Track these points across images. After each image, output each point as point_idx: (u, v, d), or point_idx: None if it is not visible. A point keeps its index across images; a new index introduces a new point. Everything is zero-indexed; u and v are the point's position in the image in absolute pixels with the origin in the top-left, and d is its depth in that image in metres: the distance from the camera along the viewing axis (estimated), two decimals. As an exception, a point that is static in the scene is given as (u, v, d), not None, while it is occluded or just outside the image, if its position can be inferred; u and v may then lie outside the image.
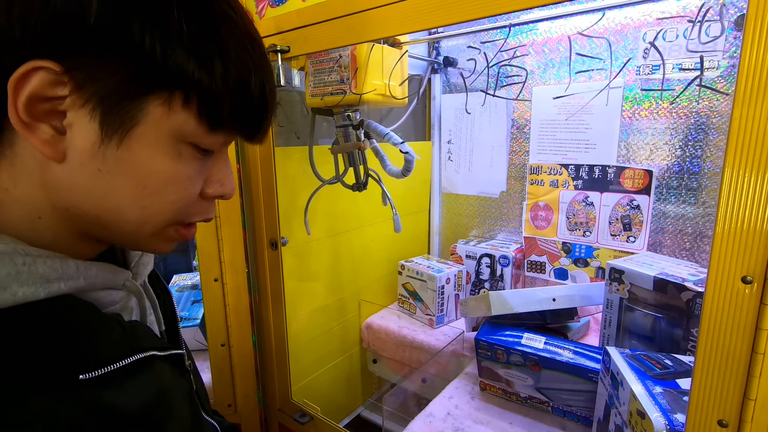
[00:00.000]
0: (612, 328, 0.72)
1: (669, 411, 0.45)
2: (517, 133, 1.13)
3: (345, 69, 0.75)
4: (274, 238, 0.83)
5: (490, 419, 0.75)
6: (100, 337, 0.32)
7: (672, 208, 0.93)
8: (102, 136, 0.29)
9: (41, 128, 0.28)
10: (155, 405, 0.34)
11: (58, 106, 0.28)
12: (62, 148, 0.29)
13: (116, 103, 0.29)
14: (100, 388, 0.30)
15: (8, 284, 0.27)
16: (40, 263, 0.29)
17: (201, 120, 0.31)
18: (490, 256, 1.11)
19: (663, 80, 0.83)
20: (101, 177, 0.30)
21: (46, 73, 0.27)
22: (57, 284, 0.30)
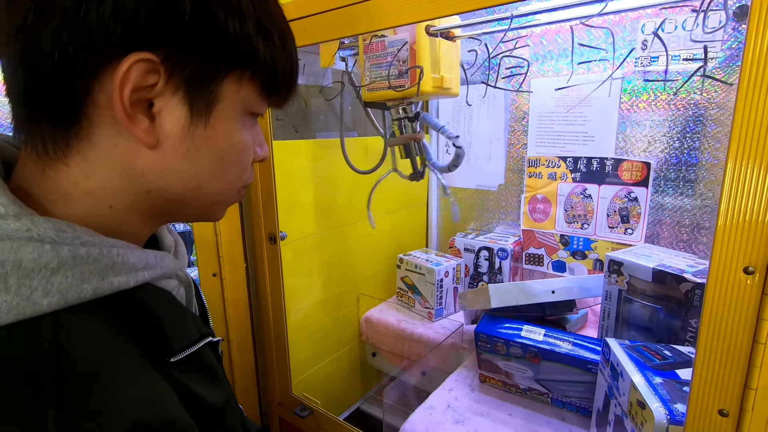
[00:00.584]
0: (611, 320, 0.73)
1: (669, 401, 0.46)
2: (515, 126, 1.12)
3: (404, 62, 0.75)
4: (273, 233, 0.82)
5: (490, 411, 0.75)
6: (180, 322, 0.34)
7: (670, 200, 0.93)
8: (191, 118, 0.31)
9: (140, 118, 0.30)
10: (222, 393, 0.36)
11: (148, 94, 0.29)
12: (156, 135, 0.31)
13: (201, 86, 0.31)
14: (181, 372, 0.32)
15: (106, 274, 0.29)
16: (130, 254, 0.31)
17: (262, 91, 0.34)
18: (488, 249, 1.11)
19: (666, 70, 0.83)
20: (189, 157, 0.32)
21: (146, 64, 0.28)
22: (142, 273, 0.31)
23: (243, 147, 0.36)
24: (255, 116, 0.37)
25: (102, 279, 0.28)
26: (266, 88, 0.35)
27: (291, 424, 0.92)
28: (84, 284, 0.28)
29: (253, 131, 0.37)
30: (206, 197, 0.35)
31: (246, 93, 0.34)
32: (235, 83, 0.32)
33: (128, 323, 0.30)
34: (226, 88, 0.32)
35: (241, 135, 0.35)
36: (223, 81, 0.32)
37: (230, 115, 0.33)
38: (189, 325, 0.35)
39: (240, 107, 0.34)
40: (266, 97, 0.36)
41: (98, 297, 0.28)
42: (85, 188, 0.31)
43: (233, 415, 0.38)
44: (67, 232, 0.28)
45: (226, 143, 0.34)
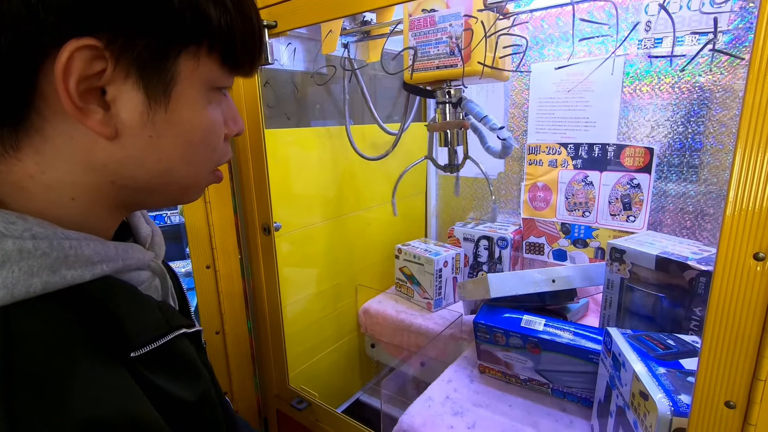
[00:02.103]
0: (612, 309, 0.71)
1: (673, 392, 0.44)
2: (514, 112, 1.10)
3: (457, 39, 0.68)
4: (267, 224, 0.81)
5: (490, 402, 0.74)
6: (143, 316, 0.33)
7: (673, 187, 0.91)
8: (149, 102, 0.29)
9: (92, 109, 0.28)
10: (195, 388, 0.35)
11: (97, 83, 0.28)
12: (114, 125, 0.29)
13: (155, 68, 0.29)
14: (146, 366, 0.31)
15: (57, 267, 0.27)
16: (85, 246, 0.29)
17: (223, 64, 0.32)
18: (488, 239, 1.09)
19: (673, 46, 0.80)
20: (152, 143, 0.31)
21: (88, 51, 0.26)
22: (100, 266, 0.30)
23: (210, 127, 0.34)
24: (222, 90, 0.35)
25: (53, 272, 0.27)
26: (227, 59, 0.32)
27: (288, 417, 0.91)
28: (32, 278, 0.26)
29: (222, 106, 0.35)
30: (176, 182, 0.34)
31: (206, 68, 0.31)
32: (191, 60, 0.30)
33: (86, 318, 0.28)
34: (183, 66, 0.30)
35: (208, 114, 0.33)
36: (177, 59, 0.29)
37: (192, 95, 0.31)
38: (155, 318, 0.34)
39: (202, 84, 0.32)
40: (229, 69, 0.33)
41: (50, 291, 0.27)
42: (43, 182, 0.29)
43: (212, 407, 0.37)
44: (17, 224, 0.27)
45: (191, 125, 0.32)
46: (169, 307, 0.38)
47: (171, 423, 0.30)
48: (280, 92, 0.90)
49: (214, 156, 0.35)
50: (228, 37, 0.31)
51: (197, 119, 0.32)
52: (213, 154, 0.35)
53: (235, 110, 0.38)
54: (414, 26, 0.72)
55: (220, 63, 0.32)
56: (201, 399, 0.35)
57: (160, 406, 0.30)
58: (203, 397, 0.36)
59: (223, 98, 0.35)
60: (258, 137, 0.76)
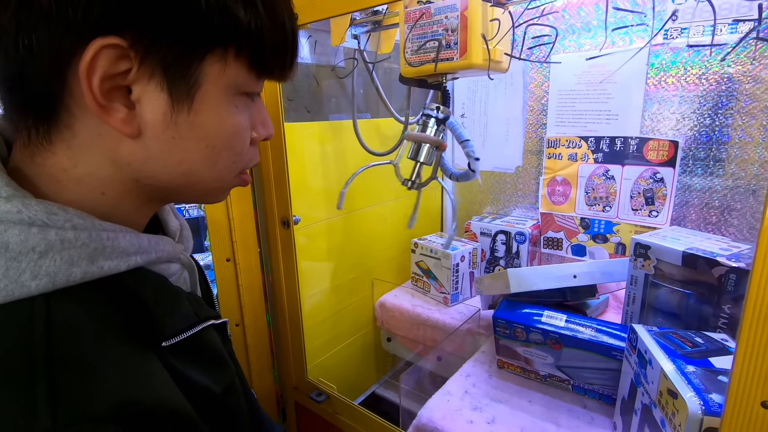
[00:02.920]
0: (636, 305, 0.70)
1: (703, 391, 0.43)
2: (534, 105, 1.08)
3: (452, 32, 0.67)
4: (286, 217, 0.81)
5: (509, 397, 0.74)
6: (174, 307, 0.34)
7: (698, 181, 0.89)
8: (172, 104, 0.29)
9: (116, 107, 0.28)
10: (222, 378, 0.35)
11: (123, 81, 0.28)
12: (137, 124, 0.29)
13: (180, 69, 0.29)
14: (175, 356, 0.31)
15: (96, 258, 0.28)
16: (121, 237, 0.30)
17: (251, 68, 0.32)
18: (505, 233, 1.08)
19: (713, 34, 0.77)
20: (175, 145, 0.31)
21: (113, 50, 0.26)
22: (135, 257, 0.31)
23: (235, 131, 0.33)
24: (250, 96, 0.34)
25: (91, 263, 0.28)
26: (256, 64, 0.32)
27: (307, 409, 0.92)
28: (72, 268, 0.27)
29: (251, 111, 0.35)
30: (199, 184, 0.34)
31: (233, 72, 0.31)
32: (218, 63, 0.30)
33: (120, 307, 0.29)
34: (209, 69, 0.30)
35: (233, 119, 0.33)
36: (203, 62, 0.29)
37: (217, 98, 0.31)
38: (185, 309, 0.35)
39: (228, 88, 0.31)
40: (258, 73, 0.33)
41: (88, 281, 0.28)
42: (74, 176, 0.30)
43: (237, 397, 0.37)
44: (59, 215, 0.27)
45: (214, 129, 0.32)
46: (197, 298, 0.39)
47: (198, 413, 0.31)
48: (300, 85, 0.90)
49: (239, 160, 0.35)
50: (257, 41, 0.31)
51: (221, 123, 0.32)
52: (237, 158, 0.35)
53: (265, 114, 0.37)
54: (410, 18, 0.70)
55: (247, 67, 0.31)
56: (227, 390, 0.36)
57: (188, 395, 0.30)
58: (229, 388, 0.36)
59: (250, 102, 0.35)
60: (278, 131, 0.76)
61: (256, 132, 0.37)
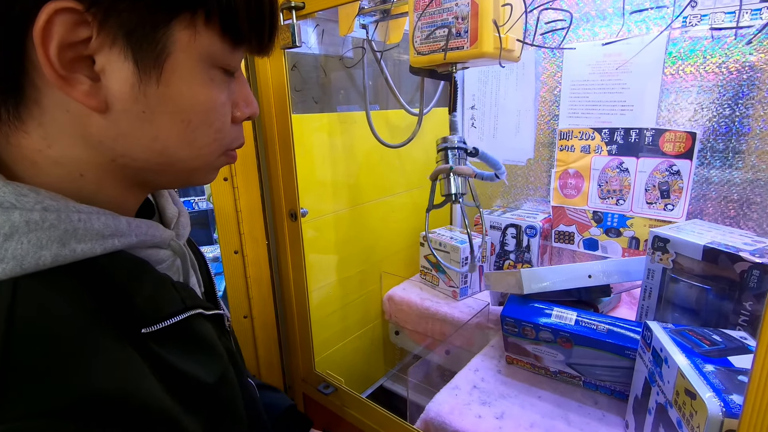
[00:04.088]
0: (652, 300, 0.68)
1: (723, 391, 0.42)
2: (546, 96, 1.06)
3: (463, 20, 0.65)
4: (294, 210, 0.80)
5: (518, 393, 0.73)
6: (156, 292, 0.32)
7: (716, 173, 0.86)
8: (139, 74, 0.27)
9: (78, 79, 0.26)
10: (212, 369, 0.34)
11: (85, 51, 0.26)
12: (103, 97, 0.27)
13: (144, 35, 0.27)
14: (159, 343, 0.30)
15: (67, 240, 0.27)
16: (95, 219, 0.29)
17: (224, 37, 0.30)
18: (515, 227, 1.06)
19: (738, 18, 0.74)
20: (146, 119, 0.29)
21: (69, 14, 0.25)
22: (111, 240, 0.29)
23: (211, 105, 0.31)
24: (229, 71, 0.32)
25: (63, 246, 0.27)
26: (229, 32, 0.30)
27: (315, 401, 0.93)
28: (42, 251, 0.26)
29: (231, 87, 0.33)
30: (179, 163, 0.32)
31: (206, 41, 0.29)
32: (187, 29, 0.28)
33: (96, 292, 0.28)
34: (177, 36, 0.28)
35: (208, 92, 0.31)
36: (169, 27, 0.27)
37: (190, 69, 0.29)
38: (170, 295, 0.33)
39: (201, 59, 0.29)
40: (233, 44, 0.31)
41: (61, 264, 0.27)
42: (50, 156, 0.29)
43: (231, 389, 0.36)
44: (29, 196, 0.26)
45: (188, 102, 0.30)
46: (187, 287, 0.37)
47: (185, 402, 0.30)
48: (307, 76, 0.89)
49: (220, 138, 0.33)
50: (227, 5, 0.29)
51: (194, 96, 0.30)
52: (217, 136, 0.33)
53: (248, 91, 0.36)
54: (419, 6, 0.68)
55: (220, 36, 0.30)
56: (219, 380, 0.34)
57: (173, 384, 0.29)
58: (221, 379, 0.35)
59: (230, 78, 0.33)
60: (285, 122, 0.75)
61: (239, 110, 0.35)
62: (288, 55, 0.73)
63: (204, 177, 0.36)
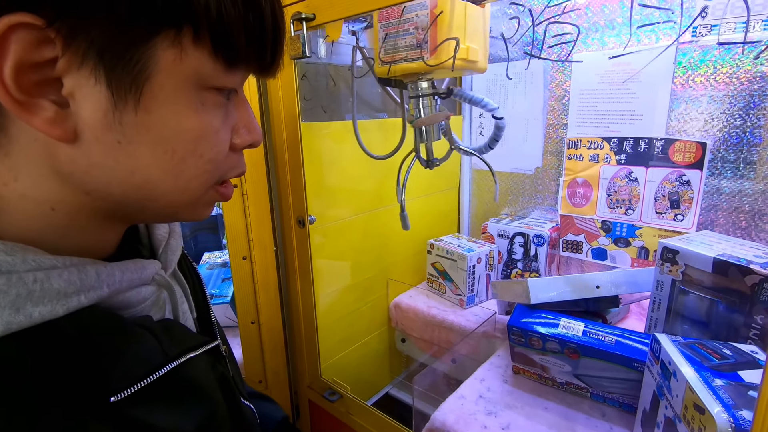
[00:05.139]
0: (661, 312, 0.67)
1: (733, 407, 0.41)
2: (554, 105, 1.06)
3: (423, 30, 0.65)
4: (302, 216, 0.81)
5: (525, 403, 0.72)
6: (128, 351, 0.28)
7: (727, 184, 0.86)
8: (114, 99, 0.24)
9: (40, 104, 0.23)
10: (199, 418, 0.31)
11: (51, 73, 0.23)
12: (71, 126, 0.24)
13: (119, 55, 0.23)
14: (136, 407, 0.27)
15: (21, 305, 0.23)
16: (55, 277, 0.25)
17: (217, 56, 0.26)
18: (523, 235, 1.06)
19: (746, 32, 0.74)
20: (122, 150, 0.25)
21: (26, 31, 0.21)
22: (76, 298, 0.26)
23: (200, 134, 0.27)
24: (223, 92, 0.28)
25: (16, 311, 0.23)
26: (222, 52, 0.26)
27: (320, 408, 0.93)
28: None
29: (228, 111, 0.29)
30: (162, 198, 0.28)
31: (194, 61, 0.25)
32: (171, 48, 0.24)
33: (53, 363, 0.24)
34: (160, 55, 0.24)
35: (197, 118, 0.27)
36: (149, 46, 0.24)
37: (173, 93, 0.25)
38: (147, 350, 0.29)
39: (189, 81, 0.26)
40: (227, 64, 0.27)
41: (15, 332, 0.23)
42: (17, 190, 0.26)
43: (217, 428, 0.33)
44: None
45: (172, 131, 0.26)
46: (172, 328, 0.33)
47: None
48: (317, 85, 0.90)
49: (212, 168, 0.29)
50: (218, 21, 0.25)
51: (181, 123, 0.26)
52: (209, 167, 0.29)
53: (249, 116, 0.32)
54: (383, 17, 0.68)
55: (212, 55, 0.26)
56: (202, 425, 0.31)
57: None
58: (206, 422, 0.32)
59: (225, 103, 0.29)
60: (294, 131, 0.76)
61: (239, 138, 0.31)
62: (298, 65, 0.74)
63: (193, 213, 0.32)
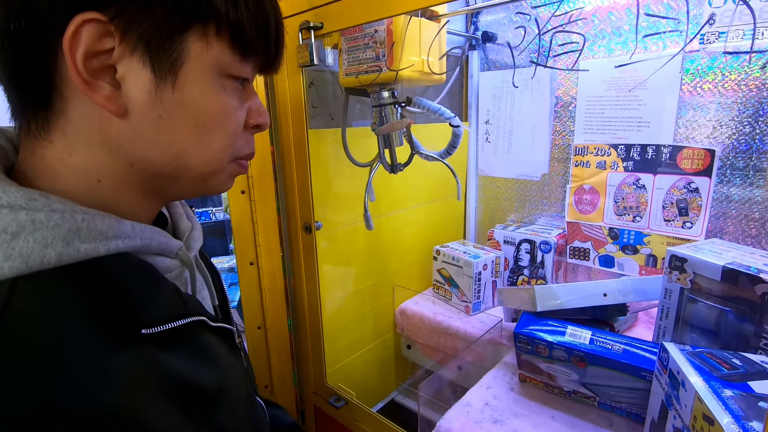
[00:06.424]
0: (669, 320, 0.67)
1: (743, 418, 0.41)
2: (561, 112, 1.06)
3: (381, 45, 0.71)
4: (308, 222, 0.82)
5: (531, 412, 0.72)
6: (159, 295, 0.33)
7: (737, 191, 0.85)
8: (156, 81, 0.30)
9: (101, 85, 0.29)
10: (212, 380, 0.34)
11: (107, 60, 0.29)
12: (123, 102, 0.30)
13: (161, 45, 0.29)
14: (158, 347, 0.30)
15: (71, 240, 0.28)
16: (98, 220, 0.29)
17: (234, 48, 0.32)
18: (530, 242, 1.06)
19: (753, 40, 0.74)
20: (163, 124, 0.31)
21: (95, 25, 0.27)
22: (115, 242, 0.30)
23: (224, 111, 0.33)
24: (239, 80, 0.34)
25: (67, 244, 0.27)
26: (237, 45, 0.33)
27: (326, 414, 0.92)
28: (47, 249, 0.27)
29: (240, 96, 0.35)
30: (193, 168, 0.34)
31: (216, 51, 0.32)
32: (199, 40, 0.31)
33: (97, 293, 0.28)
34: (191, 45, 0.30)
35: (220, 98, 0.33)
36: (184, 37, 0.30)
37: (201, 76, 0.32)
38: (171, 299, 0.34)
39: (212, 68, 0.32)
40: (241, 56, 0.33)
41: (64, 264, 0.27)
42: (70, 164, 0.31)
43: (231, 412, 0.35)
44: (39, 200, 0.28)
45: (201, 107, 0.32)
46: (192, 298, 0.38)
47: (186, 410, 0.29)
48: (325, 92, 0.91)
49: (233, 142, 0.35)
50: (235, 19, 0.31)
51: (207, 101, 0.32)
52: (230, 140, 0.35)
53: (258, 102, 0.38)
54: (346, 32, 0.75)
55: (230, 47, 0.32)
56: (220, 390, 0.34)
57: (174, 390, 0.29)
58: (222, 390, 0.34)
59: (241, 89, 0.35)
60: (302, 137, 0.77)
61: (251, 118, 0.37)
62: (306, 73, 0.75)
63: (219, 184, 0.37)
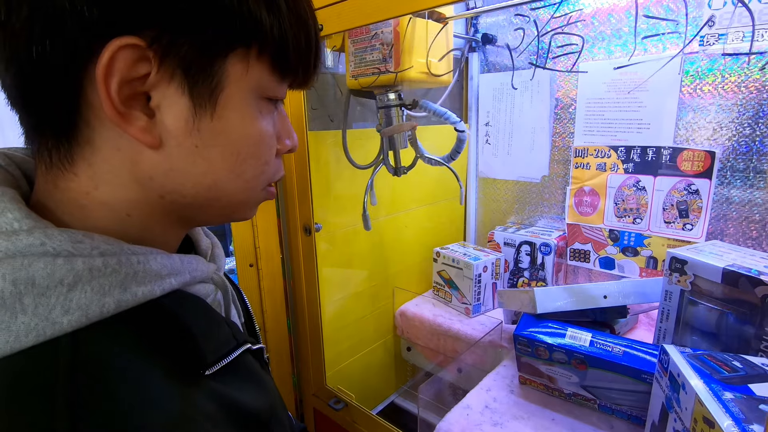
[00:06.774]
0: (670, 323, 0.67)
1: (743, 420, 0.41)
2: (561, 114, 1.06)
3: (387, 46, 0.70)
4: (308, 224, 0.82)
5: (531, 414, 0.71)
6: (214, 330, 0.32)
7: (737, 193, 0.85)
8: (194, 108, 0.28)
9: (136, 115, 0.26)
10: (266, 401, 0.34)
11: (141, 87, 0.26)
12: (157, 133, 0.27)
13: (201, 70, 0.27)
14: (217, 380, 0.30)
15: (128, 284, 0.26)
16: (152, 260, 0.28)
17: (274, 69, 0.30)
18: (530, 244, 1.05)
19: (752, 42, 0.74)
20: (198, 154, 0.29)
21: (131, 50, 0.25)
22: (169, 280, 0.29)
23: (260, 138, 0.31)
24: (274, 102, 0.33)
25: (124, 290, 0.26)
26: (279, 65, 0.30)
27: (325, 416, 0.92)
28: (105, 298, 0.25)
29: (274, 119, 0.33)
30: (226, 197, 0.32)
31: (256, 74, 0.29)
32: (240, 63, 0.28)
33: (157, 336, 0.27)
34: (231, 69, 0.28)
35: (257, 124, 0.31)
36: (225, 62, 0.28)
37: (241, 102, 0.29)
38: (224, 332, 0.33)
39: (251, 92, 0.30)
40: (281, 76, 0.31)
41: (122, 311, 0.26)
42: (98, 198, 0.28)
43: (280, 425, 0.35)
44: (84, 242, 0.26)
45: (239, 135, 0.30)
46: (234, 324, 0.37)
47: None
48: (324, 94, 0.91)
49: (266, 170, 0.33)
50: (280, 40, 0.29)
51: (246, 129, 0.30)
52: (264, 168, 0.33)
53: (289, 125, 0.36)
54: (352, 33, 0.74)
55: (270, 69, 0.30)
56: (271, 410, 0.34)
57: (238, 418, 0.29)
58: (272, 411, 0.35)
59: (275, 111, 0.33)
60: (301, 140, 0.77)
61: (281, 143, 0.35)
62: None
63: (246, 212, 0.35)
